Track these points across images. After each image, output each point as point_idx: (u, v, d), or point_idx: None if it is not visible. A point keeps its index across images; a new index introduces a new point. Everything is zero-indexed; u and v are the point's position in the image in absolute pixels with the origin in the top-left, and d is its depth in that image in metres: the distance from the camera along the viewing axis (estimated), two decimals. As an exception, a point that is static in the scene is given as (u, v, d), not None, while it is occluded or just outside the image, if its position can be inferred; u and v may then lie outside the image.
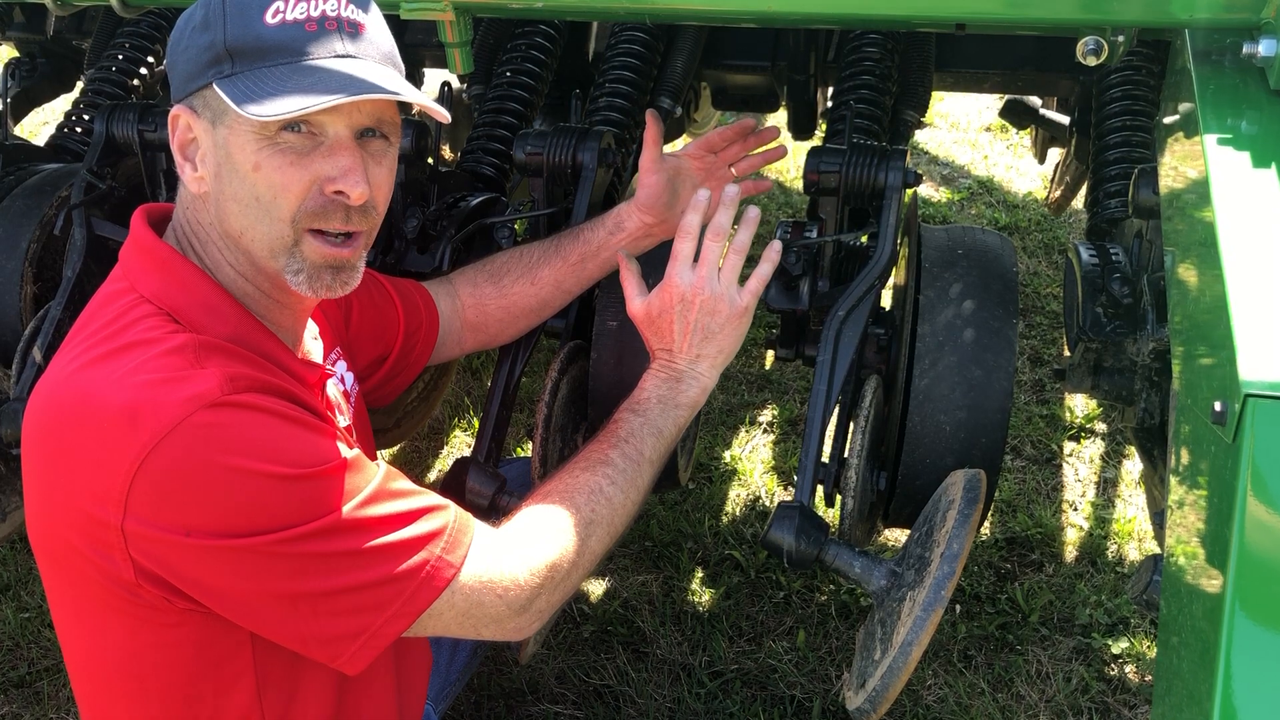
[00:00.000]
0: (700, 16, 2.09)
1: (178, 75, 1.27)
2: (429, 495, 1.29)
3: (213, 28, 1.22)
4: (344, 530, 1.19)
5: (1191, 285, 1.30)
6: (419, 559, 1.22)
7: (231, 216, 1.28)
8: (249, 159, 1.24)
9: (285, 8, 1.23)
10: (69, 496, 1.19)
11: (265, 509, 1.16)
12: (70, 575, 1.26)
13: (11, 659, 2.55)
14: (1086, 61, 1.52)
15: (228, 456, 1.14)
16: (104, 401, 1.16)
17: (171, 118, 1.28)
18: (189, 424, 1.13)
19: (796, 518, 1.54)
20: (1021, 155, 4.46)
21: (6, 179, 2.25)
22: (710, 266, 1.57)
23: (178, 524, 1.15)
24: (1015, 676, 2.46)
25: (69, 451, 1.18)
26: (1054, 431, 3.13)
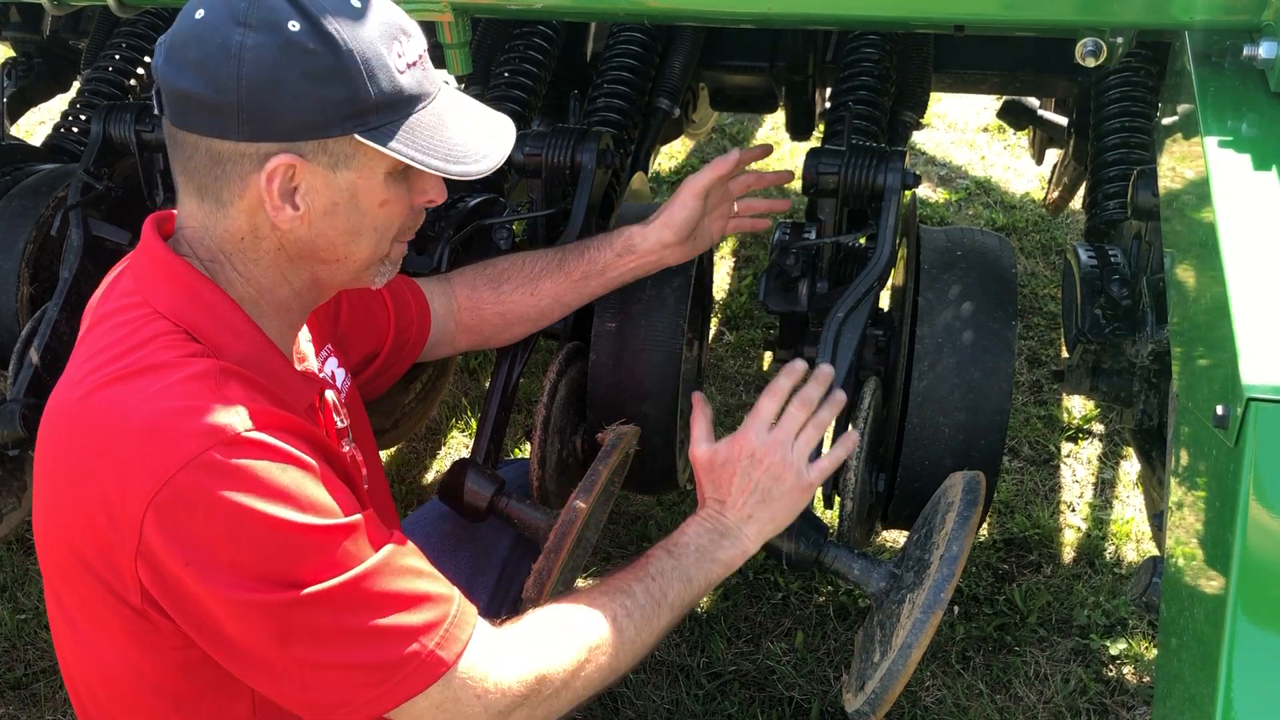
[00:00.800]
0: (698, 17, 2.09)
1: (280, 123, 1.19)
2: (435, 579, 1.26)
3: (347, 82, 1.19)
4: (344, 602, 1.16)
5: (1191, 287, 1.30)
6: (413, 648, 1.19)
7: (336, 246, 1.29)
8: (377, 197, 1.27)
9: (405, 50, 1.24)
10: (85, 515, 1.18)
11: (269, 557, 1.14)
12: (79, 589, 1.25)
13: (8, 660, 2.54)
14: (1085, 63, 1.52)
15: (240, 496, 1.13)
16: (123, 425, 1.15)
17: (272, 169, 1.20)
18: (206, 458, 1.13)
19: (795, 519, 1.54)
20: (1019, 156, 4.46)
21: (3, 179, 2.25)
22: (788, 433, 1.52)
23: (182, 557, 1.14)
24: (1013, 678, 2.46)
25: (87, 471, 1.17)
26: (1052, 433, 3.13)
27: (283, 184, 1.22)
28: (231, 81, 1.17)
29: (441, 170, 1.25)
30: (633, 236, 1.79)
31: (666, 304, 1.87)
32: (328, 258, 1.30)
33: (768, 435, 1.53)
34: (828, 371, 1.61)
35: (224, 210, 1.25)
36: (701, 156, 4.53)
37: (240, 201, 1.24)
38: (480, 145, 1.30)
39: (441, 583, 1.26)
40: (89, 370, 1.22)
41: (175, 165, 1.27)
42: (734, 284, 3.77)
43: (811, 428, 1.55)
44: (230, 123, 1.19)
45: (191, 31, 1.19)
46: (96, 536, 1.18)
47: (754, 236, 4.00)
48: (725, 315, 3.61)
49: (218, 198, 1.24)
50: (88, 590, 1.24)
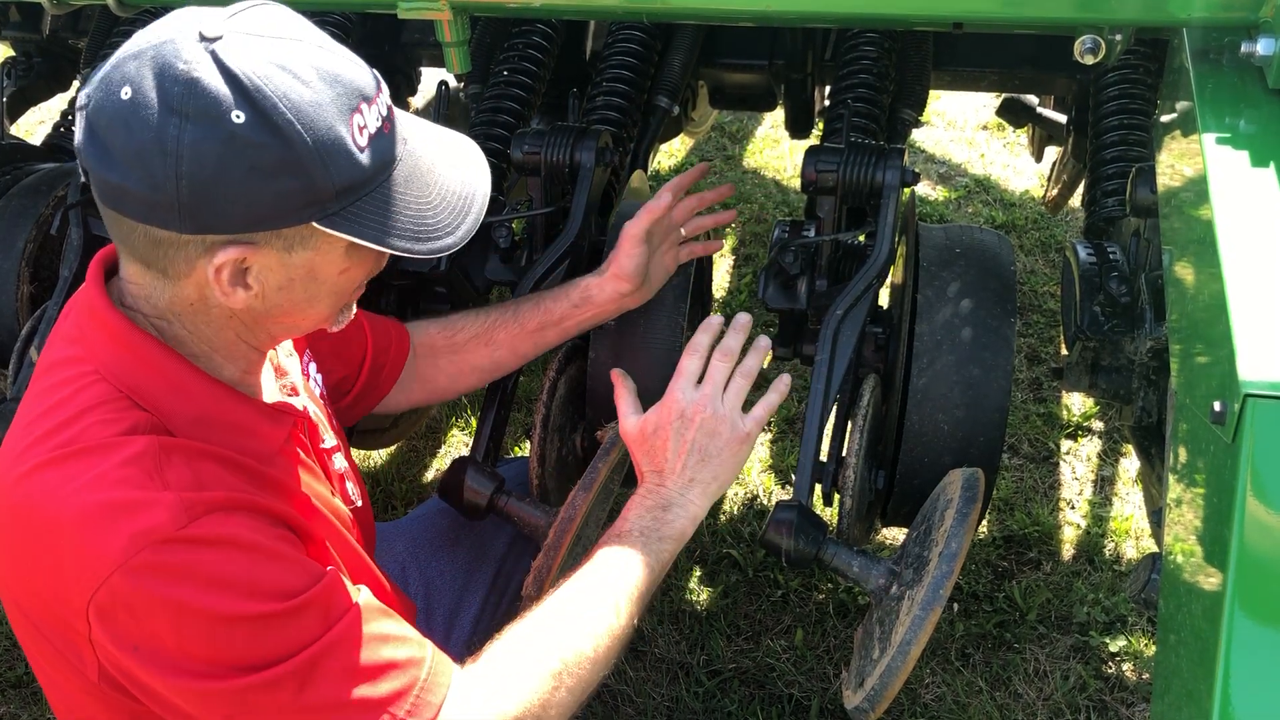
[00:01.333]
0: (698, 15, 2.09)
1: (227, 218, 1.09)
2: (403, 642, 1.20)
3: (301, 173, 1.08)
4: (304, 680, 1.11)
5: (1189, 284, 1.30)
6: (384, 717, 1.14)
7: (293, 312, 1.22)
8: (336, 267, 1.19)
9: (366, 120, 1.12)
10: (37, 598, 1.15)
11: (216, 649, 1.09)
12: (46, 653, 1.22)
13: (9, 659, 2.54)
14: (1084, 60, 1.52)
15: (178, 593, 1.07)
16: (56, 522, 1.09)
17: (218, 264, 1.11)
18: (135, 563, 1.06)
19: (795, 516, 1.54)
20: (1019, 154, 4.46)
21: (3, 179, 2.25)
22: (715, 386, 1.49)
23: (131, 651, 1.09)
24: (1013, 675, 2.47)
25: (31, 560, 1.13)
26: (1051, 430, 3.13)
27: (233, 272, 1.13)
28: (170, 181, 1.05)
29: (409, 251, 1.16)
30: (589, 288, 1.76)
31: (666, 302, 1.87)
32: (284, 320, 1.24)
33: (695, 392, 1.49)
34: (745, 320, 1.58)
35: (170, 282, 1.17)
36: (701, 154, 4.53)
37: (187, 279, 1.15)
38: (449, 215, 1.20)
39: (411, 644, 1.20)
40: (27, 443, 1.15)
41: (111, 233, 1.16)
42: (733, 282, 3.77)
43: (739, 377, 1.51)
44: (170, 217, 1.08)
45: (117, 115, 1.06)
46: (51, 617, 1.14)
47: (753, 234, 4.00)
48: (725, 313, 3.61)
49: (163, 272, 1.15)
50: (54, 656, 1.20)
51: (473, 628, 1.80)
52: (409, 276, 2.06)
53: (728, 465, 1.48)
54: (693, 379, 1.51)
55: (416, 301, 2.19)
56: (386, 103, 1.17)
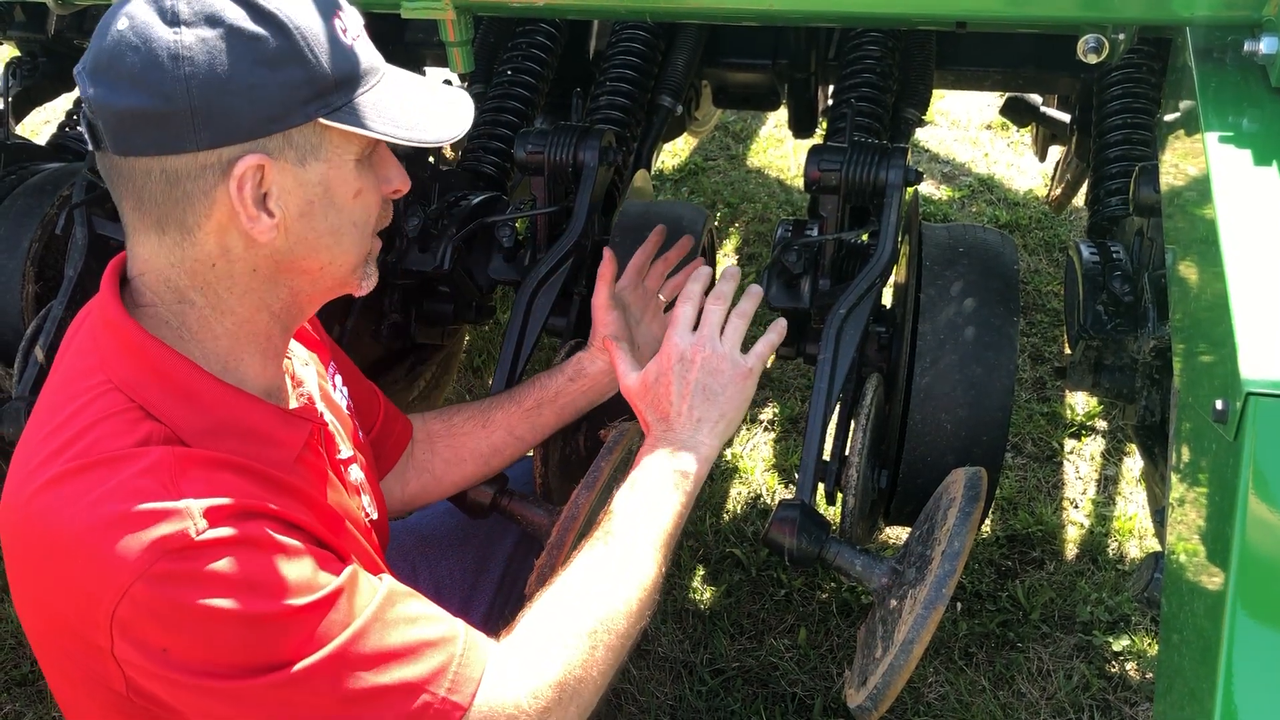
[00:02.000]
0: (701, 15, 2.09)
1: (239, 120, 1.10)
2: (434, 621, 1.19)
3: (301, 62, 1.11)
4: (339, 670, 1.10)
5: (1192, 283, 1.30)
6: (424, 699, 1.12)
7: (319, 251, 1.21)
8: (351, 187, 1.19)
9: (347, 25, 1.17)
10: (57, 615, 1.14)
11: (246, 649, 1.08)
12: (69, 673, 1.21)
13: (14, 658, 2.55)
14: (1087, 59, 1.52)
15: (201, 599, 1.06)
16: (73, 538, 1.08)
17: (239, 176, 1.11)
18: (153, 574, 1.05)
19: (798, 516, 1.54)
20: (1022, 153, 4.46)
21: (8, 178, 2.26)
22: (713, 327, 1.49)
23: (161, 661, 1.08)
24: (1016, 674, 2.47)
25: (48, 577, 1.12)
26: (1055, 429, 3.13)
27: (254, 189, 1.12)
28: (179, 85, 1.06)
29: (419, 141, 1.19)
30: (581, 361, 1.73)
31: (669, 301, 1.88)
32: (309, 266, 1.22)
33: (692, 335, 1.49)
34: (735, 271, 1.61)
35: (190, 238, 1.15)
36: (704, 154, 4.53)
37: (208, 223, 1.14)
38: (438, 118, 1.23)
39: (442, 622, 1.19)
40: (41, 459, 1.13)
41: (126, 203, 1.16)
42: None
43: (735, 317, 1.51)
44: (185, 132, 1.08)
45: (118, 45, 1.09)
46: (72, 635, 1.13)
47: (756, 233, 4.01)
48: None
49: (182, 224, 1.14)
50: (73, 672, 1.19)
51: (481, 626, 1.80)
52: (413, 275, 2.07)
53: (734, 402, 1.48)
54: (689, 324, 1.50)
55: (420, 301, 2.20)
56: (360, 19, 1.21)
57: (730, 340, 1.50)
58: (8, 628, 2.61)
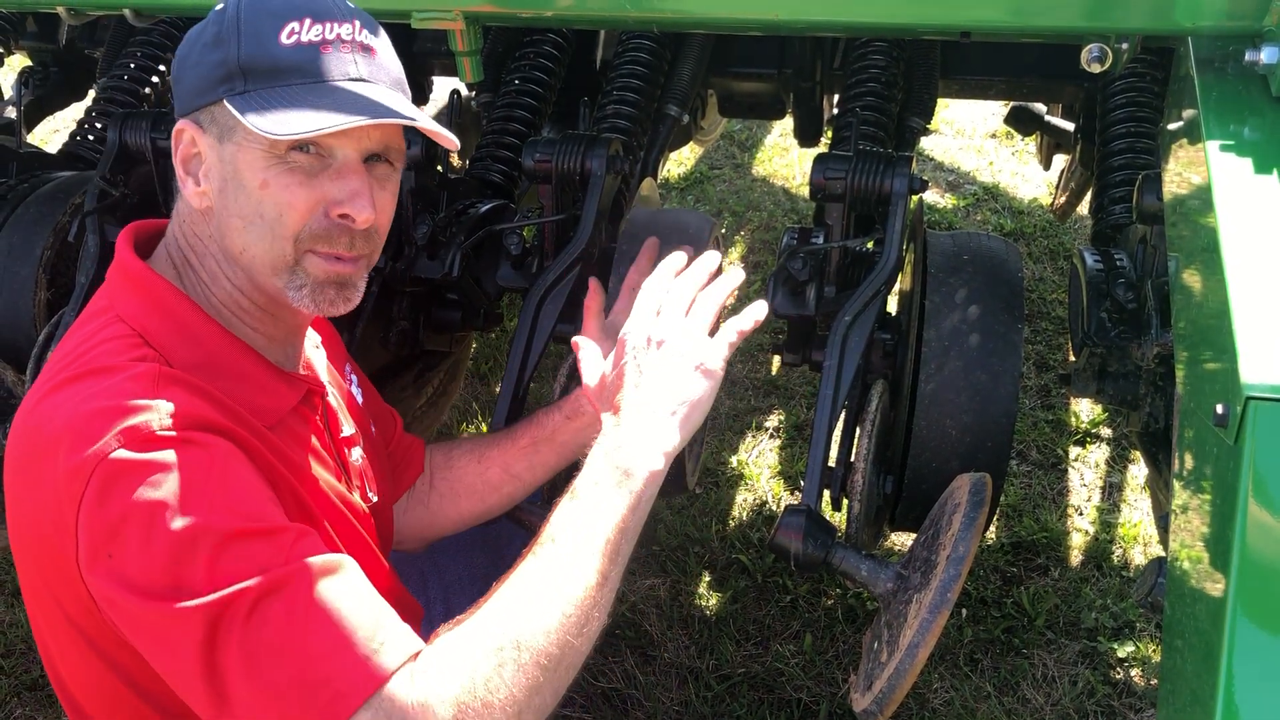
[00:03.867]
0: (707, 24, 2.11)
1: (185, 89, 1.29)
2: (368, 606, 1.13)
3: (225, 45, 1.24)
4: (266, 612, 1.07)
5: (1195, 290, 1.31)
6: (322, 675, 1.07)
7: (233, 233, 1.28)
8: (257, 176, 1.25)
9: (301, 29, 1.24)
10: (39, 528, 1.18)
11: (179, 562, 1.08)
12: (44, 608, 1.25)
13: (25, 663, 2.56)
14: (1091, 69, 1.54)
15: (148, 494, 1.09)
16: (55, 430, 1.15)
17: (176, 131, 1.29)
18: (110, 462, 1.10)
19: (803, 521, 1.55)
20: (1027, 161, 4.47)
21: (20, 186, 2.27)
22: (675, 311, 1.37)
23: (108, 560, 1.10)
24: (1021, 680, 2.47)
25: (33, 477, 1.18)
26: (1059, 436, 3.14)
27: (185, 153, 1.29)
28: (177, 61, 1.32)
29: (252, 126, 1.19)
30: (578, 398, 1.64)
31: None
32: (234, 249, 1.29)
33: (652, 320, 1.37)
34: (713, 256, 1.48)
35: (179, 194, 1.33)
36: (710, 162, 4.54)
37: (184, 188, 1.31)
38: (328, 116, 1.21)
39: (377, 610, 1.14)
40: (47, 376, 1.24)
41: None
42: (742, 289, 3.78)
43: (702, 303, 1.39)
44: (177, 98, 1.31)
45: None
46: (51, 552, 1.17)
47: (762, 241, 4.02)
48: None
49: (180, 187, 1.32)
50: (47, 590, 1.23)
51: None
52: (421, 283, 2.09)
53: (694, 387, 1.32)
54: (651, 310, 1.39)
55: (428, 308, 2.21)
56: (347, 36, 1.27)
57: (696, 325, 1.37)
58: (18, 632, 2.62)
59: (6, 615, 2.67)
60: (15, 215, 2.19)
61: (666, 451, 1.29)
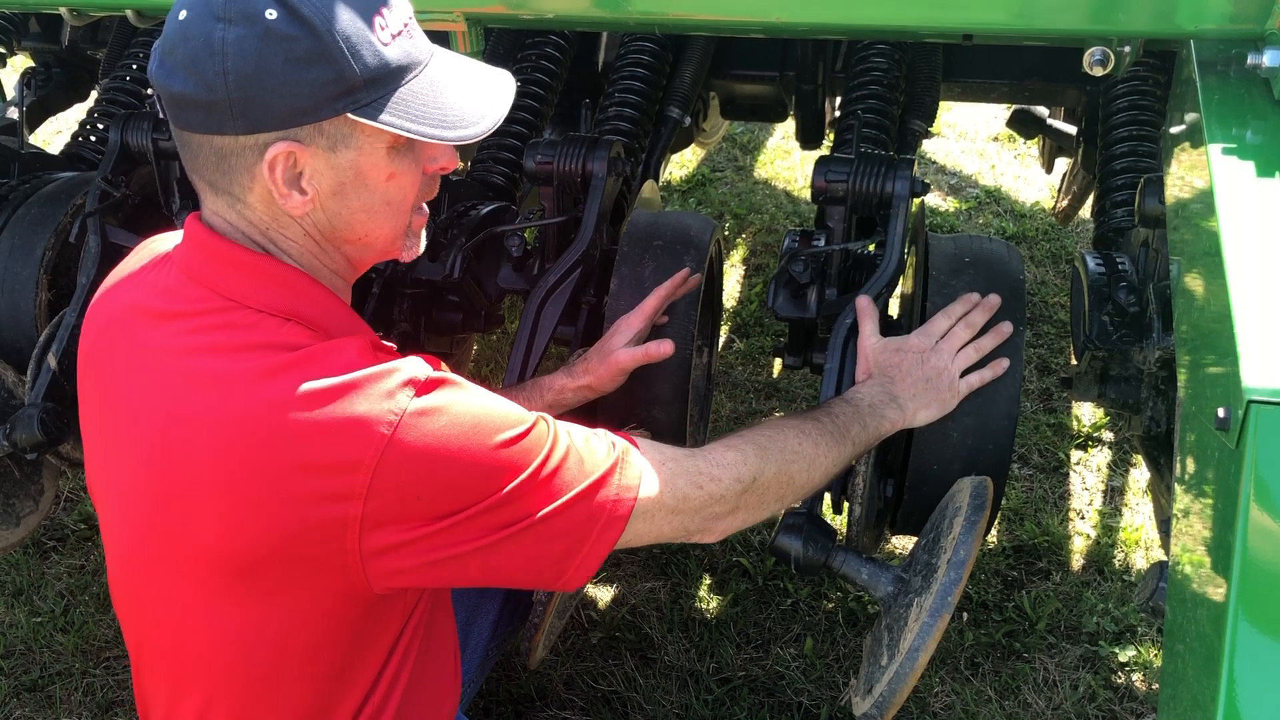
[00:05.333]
0: (709, 27, 2.11)
1: (274, 111, 1.20)
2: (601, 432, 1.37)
3: (331, 62, 1.19)
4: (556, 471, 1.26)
5: (1197, 294, 1.31)
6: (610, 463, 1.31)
7: (354, 225, 1.31)
8: (383, 172, 1.28)
9: (387, 22, 1.24)
10: (291, 506, 1.20)
11: (495, 475, 1.22)
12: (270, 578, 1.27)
13: (24, 663, 2.56)
14: (1093, 72, 1.54)
15: (463, 430, 1.21)
16: (325, 407, 1.18)
17: (270, 160, 1.22)
18: (409, 415, 1.19)
19: (804, 525, 1.55)
20: (1029, 165, 4.47)
21: (22, 187, 2.28)
22: (952, 346, 1.69)
23: (415, 510, 1.20)
24: (1022, 684, 2.47)
25: (286, 463, 1.19)
26: (1061, 440, 3.14)
27: (286, 171, 1.23)
28: (219, 78, 1.18)
29: (438, 138, 1.26)
30: (564, 391, 1.79)
31: (677, 311, 1.89)
32: (350, 237, 1.32)
33: (934, 344, 1.69)
34: (994, 302, 1.74)
35: (241, 202, 1.27)
36: (711, 165, 4.55)
37: (252, 194, 1.26)
38: (477, 108, 1.31)
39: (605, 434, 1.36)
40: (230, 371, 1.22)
41: (187, 166, 1.29)
42: (744, 291, 3.79)
43: (972, 348, 1.70)
44: (225, 118, 1.20)
45: (177, 33, 1.21)
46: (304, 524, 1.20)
47: (764, 244, 4.02)
48: (735, 322, 3.62)
49: (230, 192, 1.27)
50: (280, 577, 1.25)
51: (490, 632, 1.82)
52: (422, 285, 2.09)
53: (936, 405, 1.66)
54: (937, 334, 1.70)
55: (429, 309, 2.21)
56: (407, 13, 1.28)
57: (959, 363, 1.69)
58: (18, 633, 2.62)
59: (6, 616, 2.67)
60: (17, 216, 2.19)
61: (897, 423, 1.64)
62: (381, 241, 1.35)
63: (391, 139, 1.26)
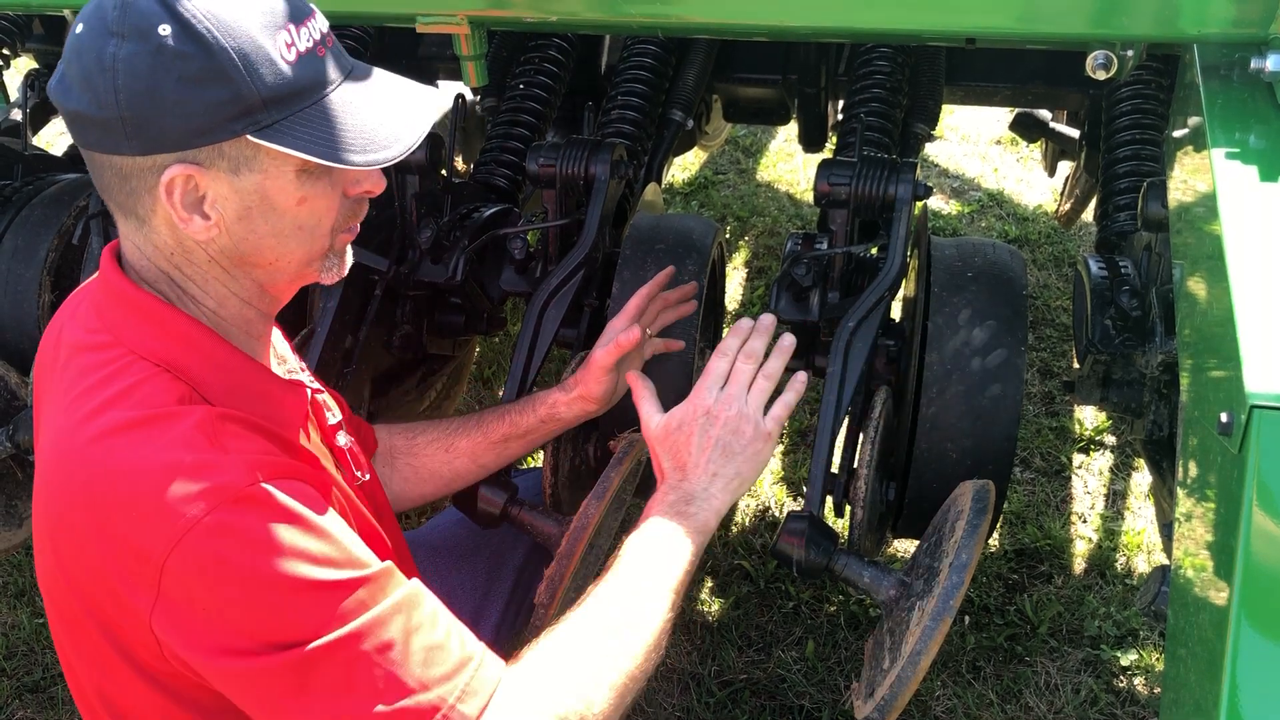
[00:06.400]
0: (712, 30, 2.11)
1: (168, 131, 1.13)
2: (455, 630, 1.20)
3: (228, 81, 1.12)
4: (355, 653, 1.11)
5: (1199, 298, 1.31)
6: (429, 704, 1.12)
7: (263, 250, 1.24)
8: (292, 196, 1.21)
9: (294, 39, 1.17)
10: (99, 573, 1.16)
11: (283, 616, 1.10)
12: (85, 635, 1.24)
13: (26, 664, 2.56)
14: (1096, 76, 1.54)
15: (248, 558, 1.09)
16: (132, 489, 1.12)
17: (166, 183, 1.15)
18: (210, 521, 1.09)
19: (806, 527, 1.55)
20: (1032, 168, 4.47)
21: (25, 189, 2.28)
22: (740, 386, 1.51)
23: (198, 627, 1.11)
24: (1024, 688, 2.47)
25: (97, 527, 1.14)
26: (1063, 444, 3.13)
27: (185, 195, 1.17)
28: (110, 96, 1.12)
29: (343, 163, 1.18)
30: (556, 405, 1.72)
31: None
32: (259, 262, 1.25)
33: (720, 392, 1.50)
34: (769, 322, 1.59)
35: (147, 226, 1.21)
36: (714, 168, 4.55)
37: (155, 217, 1.20)
38: (391, 130, 1.22)
39: (462, 634, 1.20)
40: (80, 418, 1.18)
41: (95, 185, 1.22)
42: (746, 294, 3.79)
43: (762, 378, 1.52)
44: (119, 138, 1.14)
45: (73, 47, 1.15)
46: (112, 596, 1.15)
47: (766, 247, 4.02)
48: (738, 326, 3.62)
49: (136, 214, 1.20)
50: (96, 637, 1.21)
51: (493, 635, 1.81)
52: (425, 287, 2.09)
53: (750, 463, 1.48)
54: (719, 380, 1.52)
55: (432, 312, 2.21)
56: (322, 30, 1.21)
57: (755, 401, 1.51)
58: (20, 634, 2.62)
59: (9, 618, 2.67)
60: (20, 217, 2.20)
61: (720, 513, 1.45)
62: (294, 265, 1.27)
63: (299, 162, 1.19)
